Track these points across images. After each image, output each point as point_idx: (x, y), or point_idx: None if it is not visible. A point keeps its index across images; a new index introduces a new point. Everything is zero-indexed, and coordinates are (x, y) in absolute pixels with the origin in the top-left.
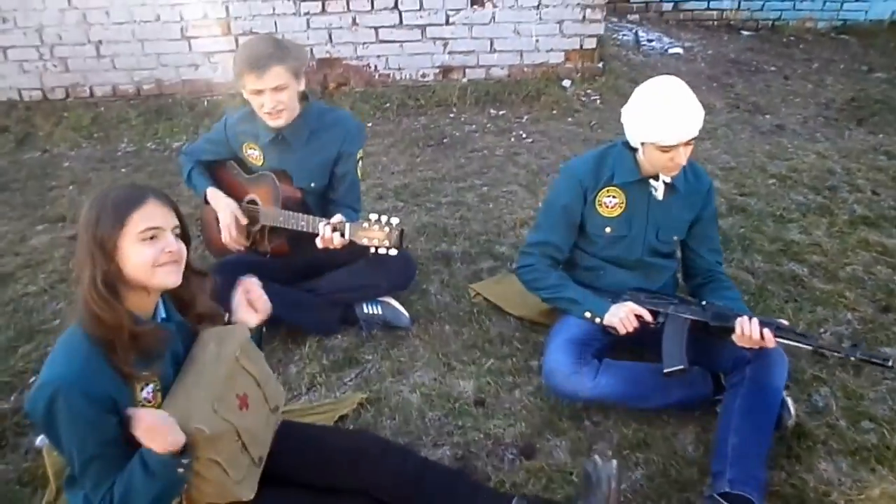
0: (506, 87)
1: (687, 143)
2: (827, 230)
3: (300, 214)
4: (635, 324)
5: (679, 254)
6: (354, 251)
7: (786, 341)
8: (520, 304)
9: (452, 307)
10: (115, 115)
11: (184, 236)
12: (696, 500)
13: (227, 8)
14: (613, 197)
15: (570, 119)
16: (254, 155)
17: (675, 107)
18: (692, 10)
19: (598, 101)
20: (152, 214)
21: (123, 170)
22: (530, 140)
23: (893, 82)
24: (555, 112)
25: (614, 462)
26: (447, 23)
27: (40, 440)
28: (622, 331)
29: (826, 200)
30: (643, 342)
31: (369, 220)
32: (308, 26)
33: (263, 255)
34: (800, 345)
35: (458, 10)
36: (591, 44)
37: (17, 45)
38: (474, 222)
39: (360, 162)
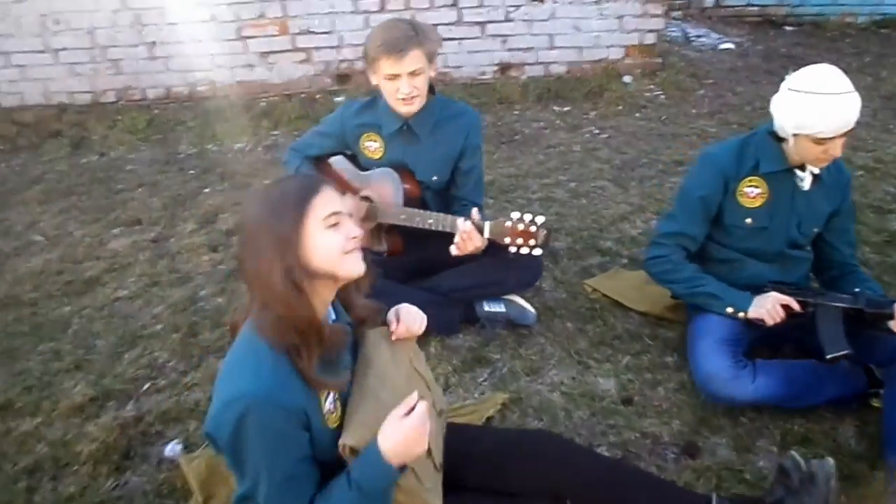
0: (567, 84)
1: (843, 135)
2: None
3: (426, 212)
4: (783, 314)
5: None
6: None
7: None
8: (641, 300)
9: (571, 304)
10: (171, 117)
11: None
12: (870, 495)
13: (284, 6)
14: (756, 187)
15: (637, 115)
16: (373, 147)
17: (835, 97)
18: (734, 7)
19: (662, 97)
20: (332, 199)
21: (192, 171)
22: (605, 136)
23: None
24: (620, 108)
25: (830, 460)
26: (506, 19)
27: (170, 449)
28: (770, 322)
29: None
30: (789, 337)
31: (511, 218)
32: (366, 24)
33: (379, 254)
34: None
35: (517, 7)
36: (650, 39)
37: (68, 48)
38: (571, 218)
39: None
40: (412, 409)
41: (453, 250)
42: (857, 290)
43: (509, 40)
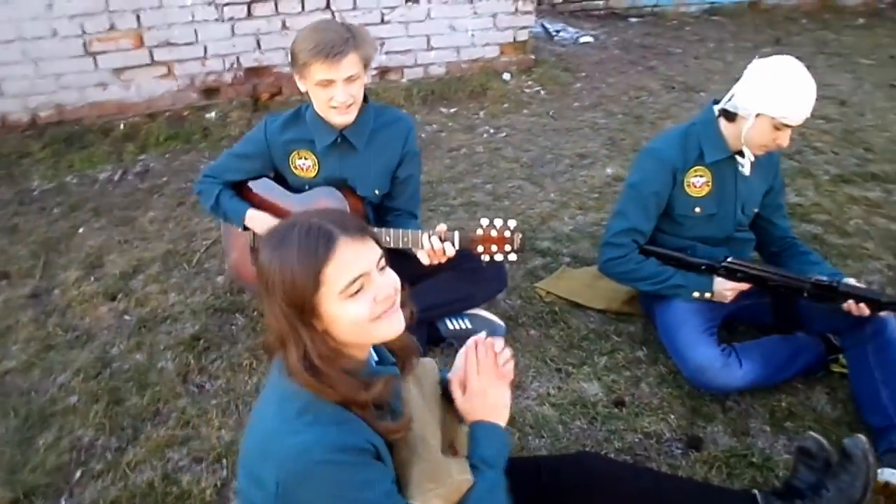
0: (449, 85)
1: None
2: (815, 191)
3: (381, 229)
4: (745, 286)
5: None
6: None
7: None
8: (596, 297)
9: (528, 310)
10: (12, 149)
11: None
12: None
13: (137, 17)
14: (700, 176)
15: (525, 111)
16: (305, 165)
17: (808, 89)
18: (580, 1)
19: (543, 93)
20: (348, 262)
21: (56, 210)
22: (503, 135)
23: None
24: (506, 106)
25: (862, 437)
26: (382, 21)
27: None
28: (727, 300)
29: (801, 164)
30: (744, 315)
31: (482, 225)
32: (233, 33)
33: None
34: None
35: (393, 8)
36: (523, 36)
37: None
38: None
39: None
40: None
41: (424, 258)
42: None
43: (387, 43)
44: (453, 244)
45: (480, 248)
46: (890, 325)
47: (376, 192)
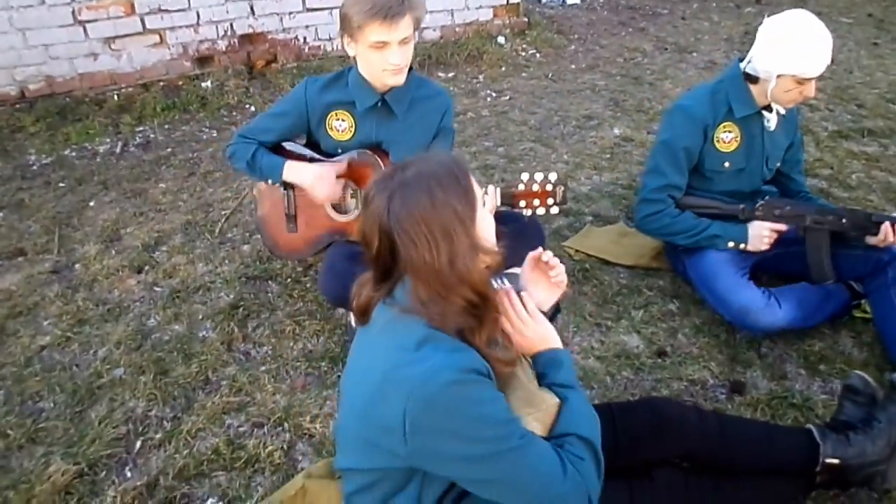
0: (445, 49)
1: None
2: (816, 147)
3: None
4: (782, 226)
5: None
6: None
7: None
8: (625, 254)
9: None
10: (4, 123)
11: None
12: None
13: None
14: (729, 132)
15: (524, 75)
16: (341, 127)
17: (821, 39)
18: None
19: (538, 55)
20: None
21: (62, 184)
22: (507, 97)
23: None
24: (504, 69)
25: None
26: None
27: None
28: (765, 249)
29: (801, 122)
30: (770, 265)
31: (522, 180)
32: None
33: None
34: None
35: None
36: None
37: None
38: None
39: None
40: None
41: None
42: (842, 207)
43: None
44: (494, 200)
45: (523, 203)
46: None
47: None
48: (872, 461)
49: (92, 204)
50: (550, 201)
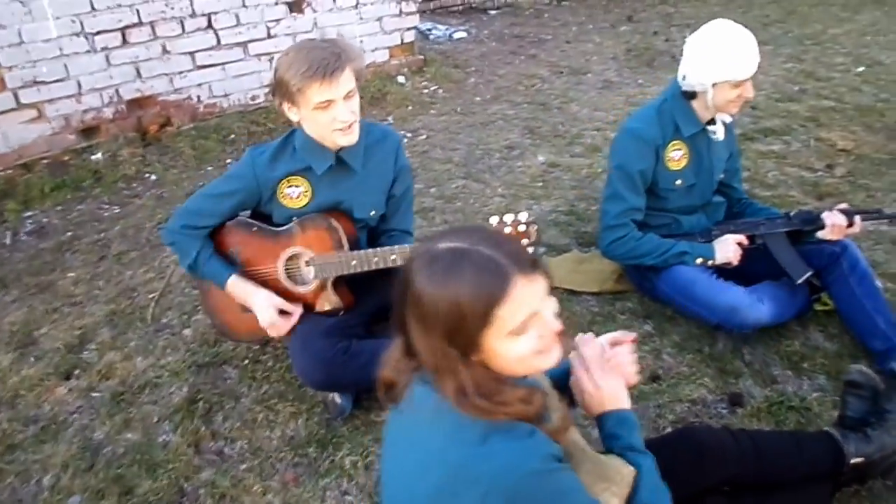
0: None
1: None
2: None
3: (379, 248)
4: (740, 252)
5: None
6: None
7: (868, 221)
8: (587, 281)
9: None
10: None
11: None
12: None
13: None
14: (678, 150)
15: (433, 111)
16: (296, 193)
17: (744, 41)
18: None
19: (441, 91)
20: (522, 301)
21: None
22: (423, 136)
23: (640, 31)
24: (411, 108)
25: None
26: (269, 35)
27: None
28: (735, 262)
29: None
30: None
31: (503, 221)
32: (108, 63)
33: (335, 313)
34: (880, 220)
35: (278, 21)
36: (410, 37)
37: None
38: (461, 225)
39: None
40: None
41: None
42: (786, 212)
43: (276, 57)
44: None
45: None
46: (859, 257)
47: (372, 213)
48: (893, 451)
49: None
50: (525, 241)
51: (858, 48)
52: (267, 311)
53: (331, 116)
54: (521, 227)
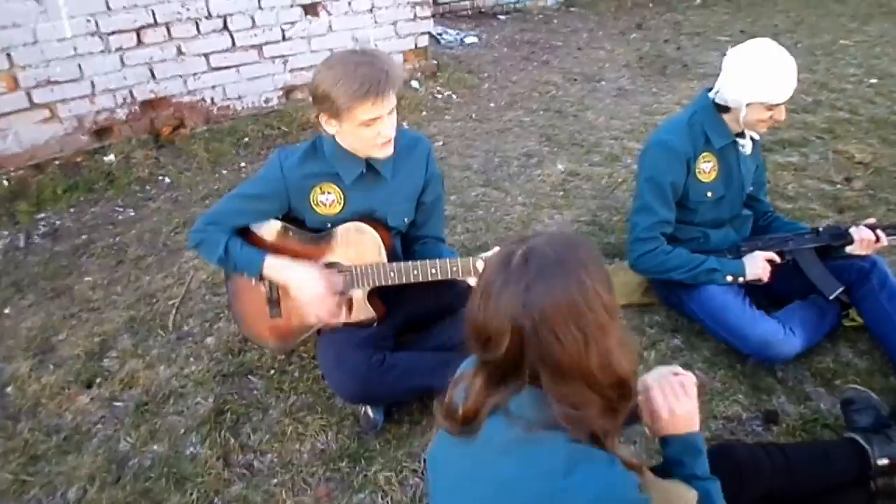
0: None
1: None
2: None
3: (421, 261)
4: (769, 269)
5: None
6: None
7: (894, 236)
8: (616, 293)
9: None
10: None
11: None
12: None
13: (9, 56)
14: (709, 162)
15: (447, 117)
16: (329, 200)
17: (786, 66)
18: (448, 3)
19: (454, 97)
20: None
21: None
22: (440, 142)
23: (650, 39)
24: (425, 114)
25: None
26: (284, 38)
27: None
28: (765, 279)
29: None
30: (768, 289)
31: None
32: (123, 64)
33: (369, 324)
34: None
35: (293, 23)
36: (423, 42)
37: None
38: (485, 232)
39: None
40: None
41: None
42: (814, 227)
43: (290, 60)
44: None
45: None
46: (888, 273)
47: (405, 220)
48: None
49: (7, 311)
50: None
51: (869, 59)
52: (318, 283)
53: (375, 132)
54: None
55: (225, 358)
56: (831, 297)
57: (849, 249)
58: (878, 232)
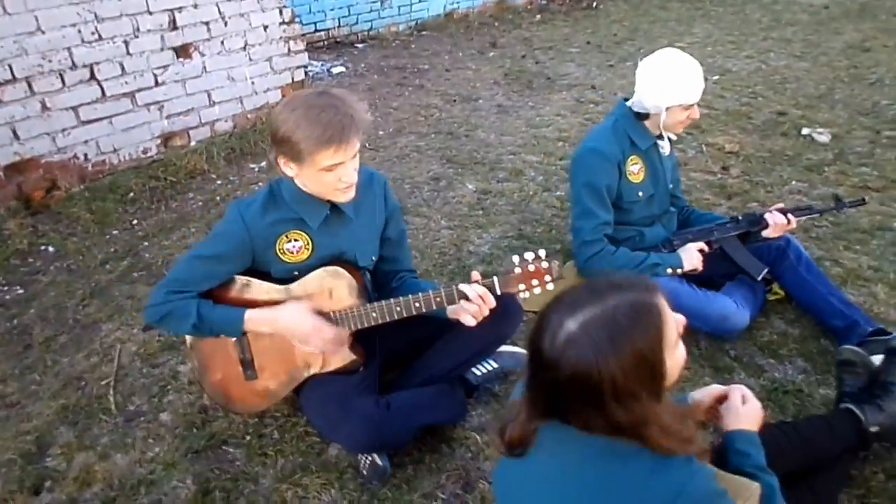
0: (246, 138)
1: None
2: None
3: (402, 297)
4: (703, 245)
5: None
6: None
7: (802, 217)
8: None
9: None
10: None
11: None
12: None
13: None
14: (636, 164)
15: None
16: (296, 248)
17: (694, 68)
18: (304, 34)
19: None
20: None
21: None
22: None
23: (508, 56)
24: None
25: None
26: (157, 83)
27: None
28: (700, 268)
29: None
30: (703, 273)
31: (516, 263)
32: None
33: (354, 369)
34: (811, 216)
35: (165, 67)
36: (300, 75)
37: None
38: (420, 261)
39: None
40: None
41: (469, 321)
42: (733, 216)
43: (166, 106)
44: (493, 291)
45: (522, 287)
46: (801, 247)
47: (373, 258)
48: None
49: None
50: (548, 278)
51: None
52: (309, 316)
53: (336, 177)
54: (544, 265)
55: (189, 433)
56: (759, 278)
57: (765, 233)
58: (789, 216)
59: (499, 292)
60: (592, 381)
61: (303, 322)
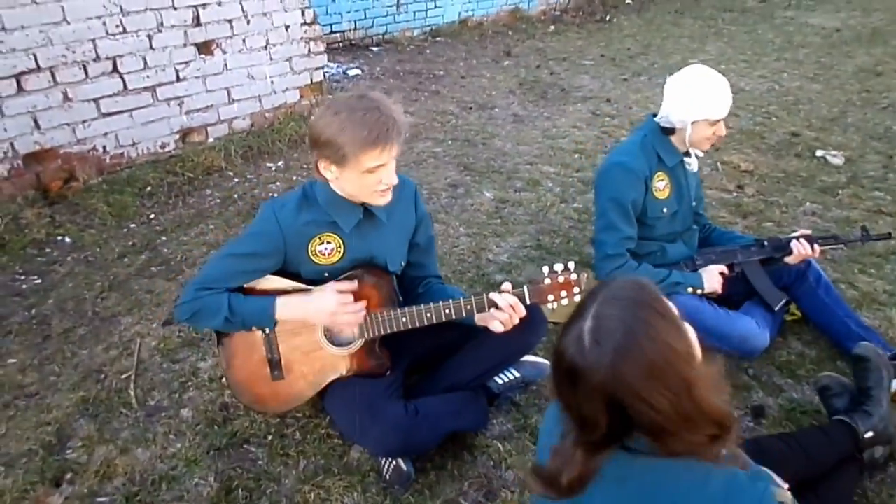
0: (264, 137)
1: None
2: None
3: (432, 304)
4: (724, 268)
5: None
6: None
7: (826, 247)
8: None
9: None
10: None
11: None
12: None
13: None
14: (662, 180)
15: None
16: (328, 250)
17: (721, 84)
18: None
19: None
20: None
21: None
22: None
23: (523, 65)
24: None
25: (863, 342)
26: (178, 79)
27: None
28: (720, 291)
29: None
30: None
31: (546, 274)
32: (2, 114)
33: (381, 373)
34: (835, 246)
35: (187, 63)
36: (319, 77)
37: None
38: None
39: None
40: None
41: (498, 327)
42: (758, 239)
43: (186, 101)
44: (523, 301)
45: (551, 298)
46: (821, 270)
47: (402, 263)
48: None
49: None
50: (576, 290)
51: None
52: (331, 295)
53: (377, 178)
54: (573, 276)
55: (210, 430)
56: (777, 308)
57: (787, 259)
58: (815, 245)
59: (528, 302)
60: (620, 398)
61: (328, 298)
